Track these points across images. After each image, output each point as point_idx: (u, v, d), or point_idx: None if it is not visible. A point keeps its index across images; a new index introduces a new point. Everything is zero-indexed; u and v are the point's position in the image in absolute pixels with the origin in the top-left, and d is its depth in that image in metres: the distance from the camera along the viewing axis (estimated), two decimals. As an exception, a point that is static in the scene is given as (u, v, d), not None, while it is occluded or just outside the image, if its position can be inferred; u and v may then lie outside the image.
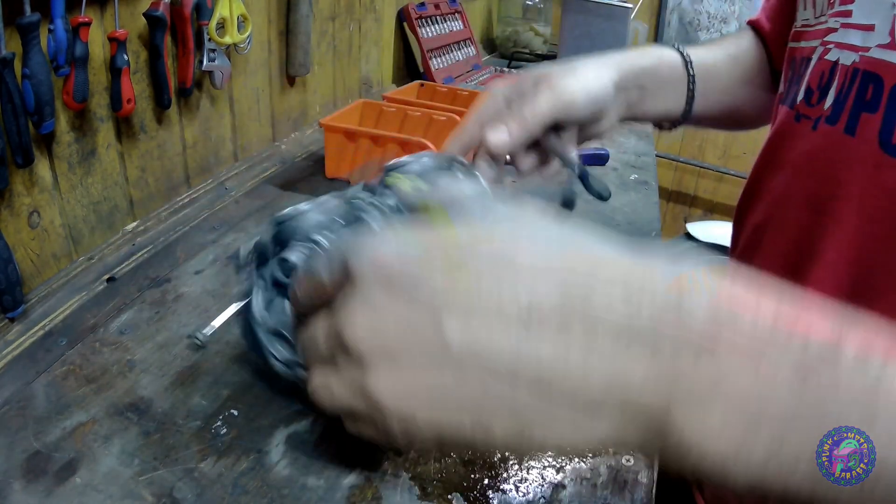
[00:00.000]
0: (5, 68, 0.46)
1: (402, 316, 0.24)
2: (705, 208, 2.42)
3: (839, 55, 0.42)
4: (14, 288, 0.49)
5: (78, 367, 0.45)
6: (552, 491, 0.39)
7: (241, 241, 0.65)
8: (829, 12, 0.44)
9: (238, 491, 0.36)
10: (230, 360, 0.47)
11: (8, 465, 0.37)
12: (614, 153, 1.01)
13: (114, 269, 0.59)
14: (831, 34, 0.43)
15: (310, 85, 1.00)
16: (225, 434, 0.40)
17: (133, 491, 0.36)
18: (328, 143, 0.81)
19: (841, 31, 0.42)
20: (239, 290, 0.41)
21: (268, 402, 0.43)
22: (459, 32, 1.42)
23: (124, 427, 0.40)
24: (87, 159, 0.60)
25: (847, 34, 0.42)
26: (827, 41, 0.44)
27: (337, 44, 1.06)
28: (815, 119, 0.44)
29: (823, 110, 0.43)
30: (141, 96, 0.65)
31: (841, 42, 0.42)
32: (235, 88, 0.82)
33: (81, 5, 0.52)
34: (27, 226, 0.54)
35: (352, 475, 0.38)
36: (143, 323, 0.51)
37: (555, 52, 1.49)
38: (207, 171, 0.79)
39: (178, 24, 0.66)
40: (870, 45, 0.40)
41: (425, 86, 1.08)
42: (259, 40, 0.84)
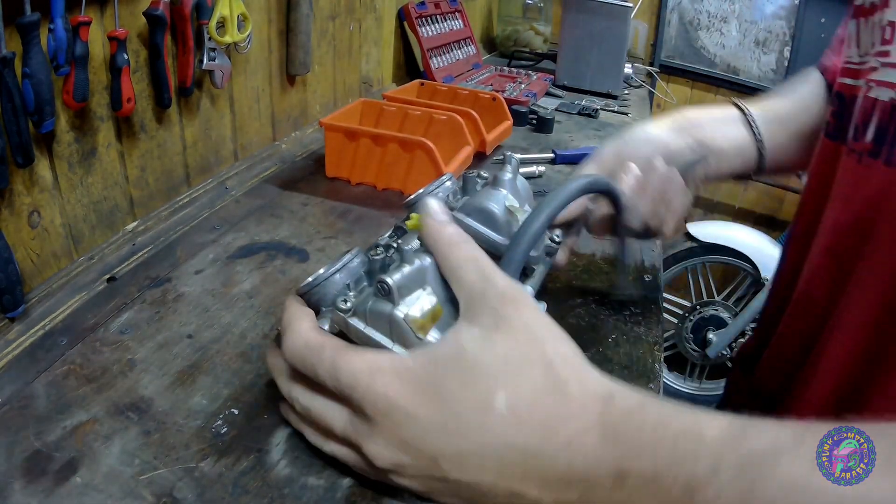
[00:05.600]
0: (5, 68, 0.46)
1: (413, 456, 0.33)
2: (705, 208, 2.42)
3: (878, 92, 0.45)
4: (14, 287, 0.49)
5: (78, 366, 0.46)
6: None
7: (242, 241, 0.65)
8: (872, 52, 0.47)
9: (238, 490, 0.36)
10: (230, 360, 0.47)
11: (8, 465, 0.37)
12: (614, 152, 1.01)
13: (114, 269, 0.59)
14: (874, 73, 0.46)
15: (310, 84, 1.00)
16: (225, 433, 0.40)
17: (133, 490, 0.36)
18: (328, 142, 0.81)
19: (881, 70, 0.45)
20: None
21: (268, 401, 0.43)
22: (460, 31, 1.42)
23: (125, 426, 0.40)
24: (87, 159, 0.60)
25: (886, 72, 0.44)
26: (870, 79, 0.46)
27: (337, 43, 1.06)
28: (859, 153, 0.47)
29: (866, 144, 0.46)
30: (141, 96, 0.65)
31: (881, 80, 0.45)
32: (235, 88, 0.82)
33: (81, 5, 0.52)
34: (27, 225, 0.54)
35: (352, 475, 0.38)
36: (143, 322, 0.51)
37: (555, 52, 1.49)
38: (208, 170, 0.79)
39: (178, 23, 0.66)
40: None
41: (425, 85, 1.08)
42: (259, 39, 0.84)
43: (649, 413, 0.31)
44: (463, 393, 0.32)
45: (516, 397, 0.32)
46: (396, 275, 0.35)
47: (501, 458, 0.31)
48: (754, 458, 0.27)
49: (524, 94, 1.24)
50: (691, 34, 2.24)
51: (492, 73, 1.44)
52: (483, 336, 0.33)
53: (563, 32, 1.42)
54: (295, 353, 0.36)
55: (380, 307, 0.36)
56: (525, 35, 1.77)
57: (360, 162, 0.81)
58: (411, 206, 0.46)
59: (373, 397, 0.33)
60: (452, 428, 0.32)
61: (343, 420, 0.35)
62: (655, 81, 1.84)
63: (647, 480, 0.29)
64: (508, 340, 0.33)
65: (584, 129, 1.17)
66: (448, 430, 0.32)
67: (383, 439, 0.33)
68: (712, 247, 2.00)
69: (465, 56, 1.42)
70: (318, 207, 0.75)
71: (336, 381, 0.34)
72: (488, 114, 0.98)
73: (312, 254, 0.64)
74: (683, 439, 0.29)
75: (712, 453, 0.28)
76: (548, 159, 0.97)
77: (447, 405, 0.32)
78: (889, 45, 0.44)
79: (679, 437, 0.29)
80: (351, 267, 0.39)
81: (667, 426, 0.30)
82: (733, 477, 0.27)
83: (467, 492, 0.33)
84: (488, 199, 0.46)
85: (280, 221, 0.70)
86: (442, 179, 0.48)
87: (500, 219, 0.45)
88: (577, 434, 0.31)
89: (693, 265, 2.07)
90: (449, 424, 0.32)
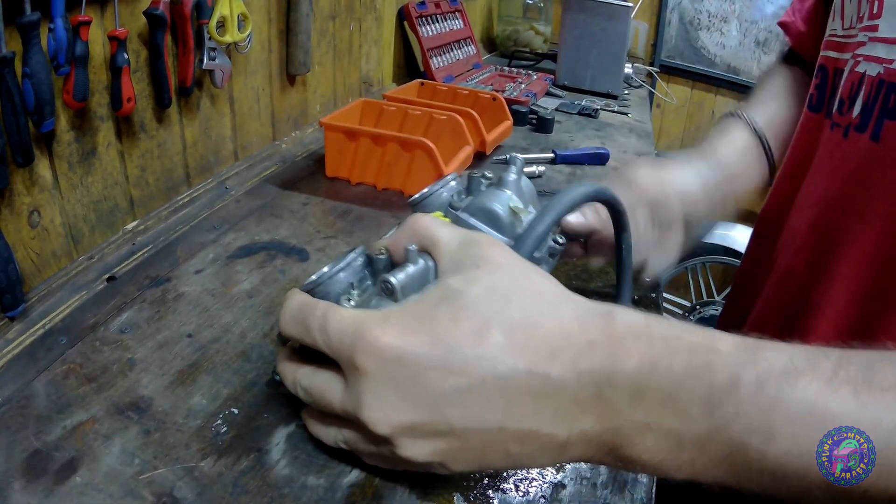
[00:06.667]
0: (5, 67, 0.46)
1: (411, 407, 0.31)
2: (705, 207, 2.42)
3: (866, 67, 0.45)
4: (14, 287, 0.49)
5: (78, 365, 0.45)
6: (552, 490, 0.39)
7: (242, 241, 0.65)
8: (858, 26, 0.47)
9: (238, 490, 0.36)
10: (230, 360, 0.47)
11: (8, 464, 0.37)
12: (614, 152, 1.01)
13: (114, 269, 0.59)
14: (861, 48, 0.46)
15: (310, 84, 1.00)
16: (225, 433, 0.40)
17: (133, 490, 0.36)
18: (328, 142, 0.81)
19: (869, 45, 0.45)
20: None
21: (268, 400, 0.43)
22: (460, 31, 1.42)
23: (125, 426, 0.40)
24: (87, 158, 0.60)
25: (874, 47, 0.44)
26: (857, 54, 0.46)
27: (337, 43, 1.06)
28: (845, 127, 0.46)
29: (852, 118, 0.45)
30: (141, 95, 0.65)
31: (868, 55, 0.45)
32: (236, 87, 0.82)
33: (81, 4, 0.52)
34: (27, 225, 0.54)
35: (352, 474, 0.38)
36: (143, 322, 0.51)
37: (555, 52, 1.49)
38: (208, 170, 0.79)
39: (179, 22, 0.66)
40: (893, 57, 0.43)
41: (426, 85, 1.08)
42: (259, 39, 0.84)
43: (656, 329, 0.30)
44: (455, 327, 0.30)
45: (510, 325, 0.30)
46: (400, 274, 0.35)
47: (505, 390, 0.29)
48: (773, 375, 0.27)
49: (524, 94, 1.24)
50: (691, 34, 2.24)
51: (492, 72, 1.44)
52: (466, 276, 0.32)
53: (563, 32, 1.42)
54: (290, 316, 0.35)
55: (383, 307, 0.36)
56: (525, 35, 1.77)
57: (360, 162, 0.81)
58: (416, 205, 0.46)
59: (364, 345, 0.31)
60: (449, 364, 0.30)
61: (340, 390, 0.33)
62: (655, 81, 1.84)
63: (664, 397, 0.28)
64: (493, 275, 0.32)
65: (584, 129, 1.17)
66: (445, 367, 0.30)
67: (380, 395, 0.31)
68: (712, 247, 2.00)
69: (465, 56, 1.42)
70: (318, 207, 0.75)
71: (325, 332, 0.33)
72: (488, 114, 0.98)
73: (312, 254, 0.64)
74: (698, 352, 0.28)
75: (729, 366, 0.27)
76: (548, 159, 0.97)
77: (440, 341, 0.30)
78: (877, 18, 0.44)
79: (693, 351, 0.28)
80: (354, 266, 0.39)
81: (679, 339, 0.29)
82: (753, 392, 0.26)
83: (477, 444, 0.31)
84: (492, 200, 0.46)
85: (280, 221, 0.70)
86: (447, 179, 0.49)
87: (504, 219, 0.45)
88: (581, 351, 0.29)
89: (693, 265, 2.07)
90: (445, 360, 0.30)
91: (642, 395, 0.28)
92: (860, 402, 0.26)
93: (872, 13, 0.44)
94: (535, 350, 0.30)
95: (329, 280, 0.38)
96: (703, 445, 0.28)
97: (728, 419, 0.27)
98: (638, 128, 1.22)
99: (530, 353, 0.30)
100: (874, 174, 0.43)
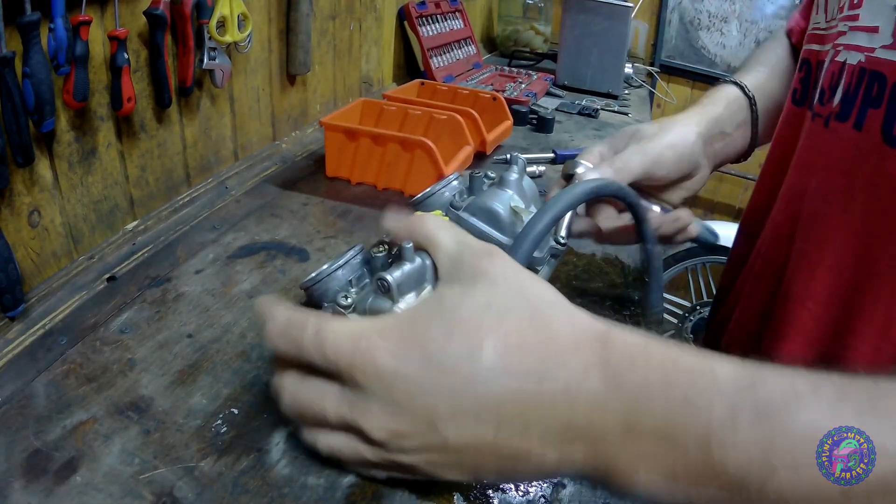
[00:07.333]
0: (6, 67, 0.46)
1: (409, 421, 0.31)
2: (705, 208, 2.42)
3: (847, 56, 0.44)
4: (14, 287, 0.49)
5: (78, 365, 0.45)
6: (552, 490, 0.39)
7: (242, 241, 0.65)
8: (839, 17, 0.46)
9: (238, 490, 0.36)
10: (230, 360, 0.47)
11: (8, 464, 0.37)
12: (615, 152, 1.01)
13: (114, 269, 0.59)
14: (842, 37, 0.45)
15: (310, 84, 1.00)
16: (225, 433, 0.40)
17: (133, 490, 0.36)
18: (328, 142, 0.81)
19: (850, 34, 0.44)
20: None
21: (268, 400, 0.43)
22: (460, 31, 1.42)
23: (125, 426, 0.40)
24: (87, 158, 0.60)
25: (855, 36, 0.44)
26: (838, 44, 0.46)
27: (337, 43, 1.06)
28: (826, 117, 0.46)
29: (833, 108, 0.45)
30: (141, 95, 0.65)
31: (849, 44, 0.44)
32: (236, 87, 0.82)
33: (82, 4, 0.52)
34: (27, 225, 0.54)
35: (352, 474, 0.38)
36: (143, 322, 0.51)
37: (555, 52, 1.49)
38: (208, 170, 0.79)
39: (179, 22, 0.66)
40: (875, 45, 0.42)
41: (426, 84, 1.08)
42: (259, 39, 0.84)
43: (654, 352, 0.29)
44: (449, 345, 0.31)
45: (503, 344, 0.30)
46: (396, 272, 0.35)
47: (498, 410, 0.30)
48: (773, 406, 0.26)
49: (524, 94, 1.24)
50: (692, 34, 2.24)
51: (492, 72, 1.44)
52: (463, 290, 0.32)
53: (563, 32, 1.42)
54: (278, 333, 0.34)
55: (379, 304, 0.36)
56: (525, 35, 1.77)
57: (360, 162, 0.81)
58: (418, 204, 0.46)
59: (360, 361, 0.31)
60: (443, 383, 0.30)
61: (335, 398, 0.33)
62: (656, 81, 1.84)
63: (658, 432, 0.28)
64: (488, 291, 0.32)
65: (585, 128, 1.17)
66: (439, 386, 0.30)
67: (378, 407, 0.31)
68: (712, 247, 2.00)
69: (465, 56, 1.42)
70: (318, 207, 0.75)
71: (322, 351, 0.32)
72: (488, 113, 0.98)
73: (312, 253, 0.64)
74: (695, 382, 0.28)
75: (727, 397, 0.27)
76: (548, 159, 0.97)
77: (434, 360, 0.31)
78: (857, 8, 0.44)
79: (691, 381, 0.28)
80: (353, 264, 0.39)
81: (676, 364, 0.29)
82: (751, 426, 0.26)
83: (470, 458, 0.31)
84: (493, 200, 0.46)
85: (280, 221, 0.70)
86: (449, 179, 0.49)
87: (505, 219, 0.45)
88: (574, 377, 0.29)
89: (693, 265, 2.07)
90: (439, 380, 0.30)
91: (635, 429, 0.28)
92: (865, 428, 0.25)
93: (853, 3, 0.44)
94: (527, 372, 0.30)
95: (327, 277, 0.38)
96: (698, 479, 0.27)
97: (725, 454, 0.26)
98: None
99: (522, 375, 0.30)
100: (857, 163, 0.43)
